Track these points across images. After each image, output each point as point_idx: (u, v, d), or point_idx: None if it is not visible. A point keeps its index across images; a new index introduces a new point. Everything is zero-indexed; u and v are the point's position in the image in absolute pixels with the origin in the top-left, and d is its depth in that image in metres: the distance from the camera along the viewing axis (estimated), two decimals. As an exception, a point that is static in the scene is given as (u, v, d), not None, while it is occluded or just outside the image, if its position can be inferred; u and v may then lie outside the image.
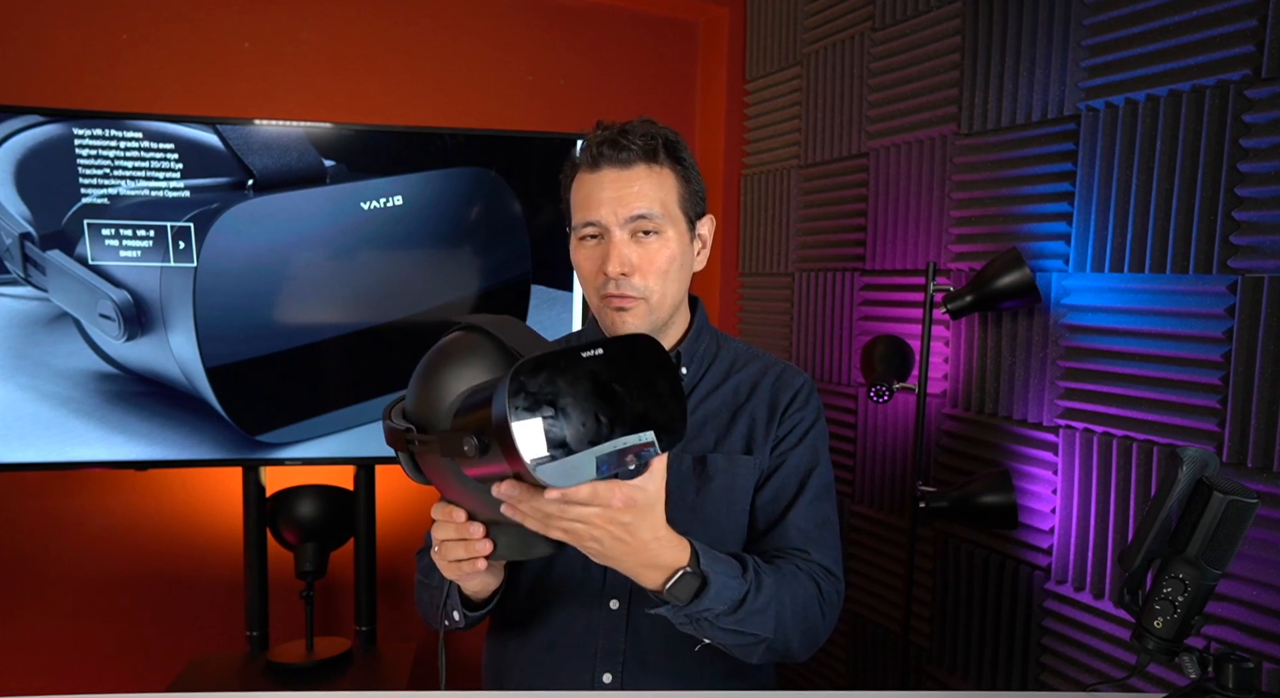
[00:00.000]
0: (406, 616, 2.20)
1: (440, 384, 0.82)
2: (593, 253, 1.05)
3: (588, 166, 1.04)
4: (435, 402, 0.82)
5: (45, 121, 1.58)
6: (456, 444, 0.75)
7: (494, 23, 2.17)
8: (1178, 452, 0.80)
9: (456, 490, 0.87)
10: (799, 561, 1.03)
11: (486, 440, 0.73)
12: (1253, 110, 1.18)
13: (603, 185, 1.03)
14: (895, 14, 1.82)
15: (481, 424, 0.73)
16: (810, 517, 1.07)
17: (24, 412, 1.64)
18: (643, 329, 1.05)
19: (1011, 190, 1.55)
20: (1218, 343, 1.22)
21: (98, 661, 1.99)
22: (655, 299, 1.05)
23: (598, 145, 1.03)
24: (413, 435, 0.82)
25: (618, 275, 1.01)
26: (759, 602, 0.92)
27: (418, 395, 0.84)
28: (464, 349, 0.84)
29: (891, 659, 1.87)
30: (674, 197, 1.05)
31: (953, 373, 1.68)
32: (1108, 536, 1.38)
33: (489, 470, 0.77)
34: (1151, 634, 0.80)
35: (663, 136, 1.05)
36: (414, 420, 0.84)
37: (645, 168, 1.03)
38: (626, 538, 0.82)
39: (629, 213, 1.02)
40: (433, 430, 0.81)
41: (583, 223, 1.04)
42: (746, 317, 2.39)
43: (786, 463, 1.10)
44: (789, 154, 2.18)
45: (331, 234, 1.70)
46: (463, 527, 0.86)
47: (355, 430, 1.79)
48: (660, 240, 1.04)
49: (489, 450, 0.73)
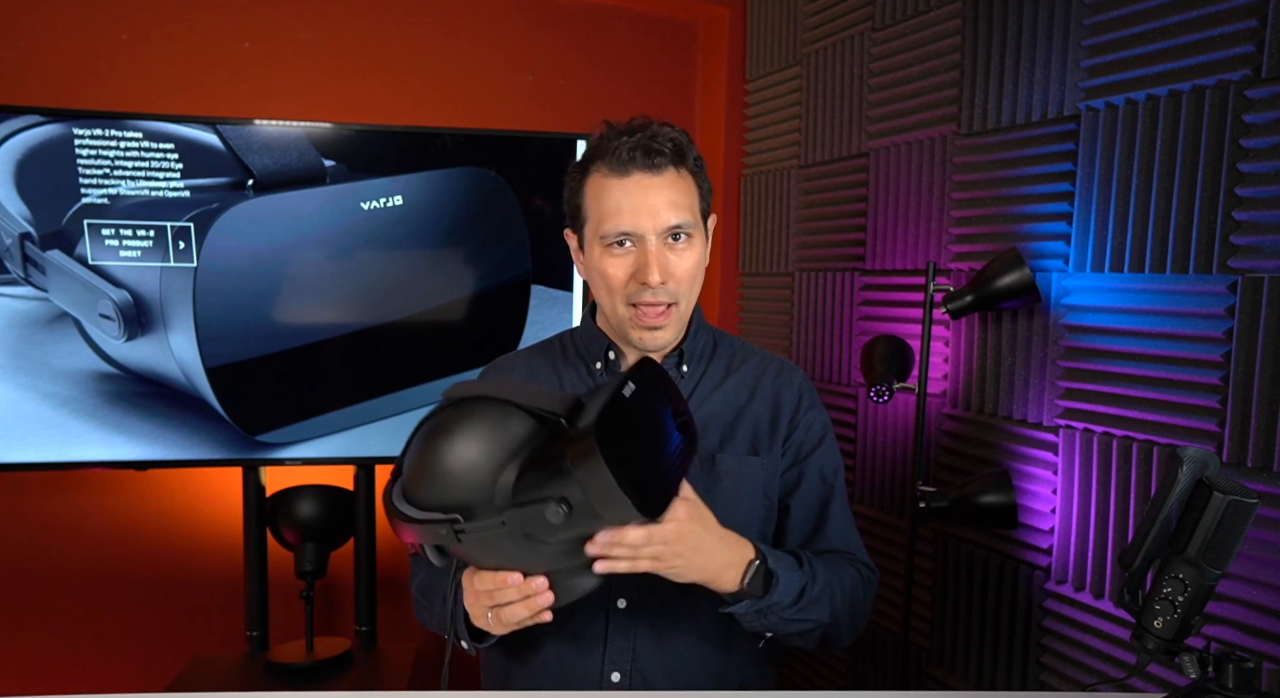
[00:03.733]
0: (406, 616, 2.20)
1: (467, 462, 0.80)
2: (624, 261, 1.02)
3: (614, 171, 1.00)
4: (467, 482, 0.79)
5: (45, 121, 1.58)
6: (536, 518, 0.76)
7: (494, 23, 2.17)
8: (1178, 452, 0.80)
9: (504, 559, 0.85)
10: (840, 556, 1.10)
11: (572, 504, 0.75)
12: (1253, 110, 1.17)
13: (633, 192, 0.99)
14: (895, 14, 1.82)
15: (564, 489, 0.74)
16: (845, 520, 1.14)
17: (24, 412, 1.64)
18: (670, 339, 1.06)
19: (1011, 190, 1.55)
20: (1218, 343, 1.22)
21: (98, 661, 1.99)
22: (684, 304, 1.05)
23: (629, 150, 0.99)
24: (461, 524, 0.79)
25: (658, 284, 1.00)
26: (816, 590, 0.99)
27: (441, 481, 0.81)
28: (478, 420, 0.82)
29: (891, 659, 1.87)
30: (697, 200, 1.05)
31: (953, 373, 1.68)
32: (1108, 536, 1.38)
33: (569, 532, 0.78)
34: (1151, 634, 0.80)
35: (684, 139, 1.04)
36: (441, 507, 0.80)
37: (674, 173, 1.02)
38: (701, 546, 0.88)
39: (667, 222, 1.00)
40: (478, 513, 0.79)
41: (615, 232, 1.00)
42: (746, 317, 2.39)
43: (811, 467, 1.13)
44: (789, 154, 2.18)
45: (331, 234, 1.70)
46: (525, 586, 0.85)
47: (355, 431, 1.79)
48: (690, 246, 1.04)
49: (574, 513, 0.75)
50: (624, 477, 0.73)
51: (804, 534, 1.12)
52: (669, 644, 1.05)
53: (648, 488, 0.76)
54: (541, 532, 0.79)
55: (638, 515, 0.75)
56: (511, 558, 0.84)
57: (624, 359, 1.13)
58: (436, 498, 0.81)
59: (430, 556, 0.85)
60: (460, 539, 0.80)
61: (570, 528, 0.78)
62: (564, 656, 1.06)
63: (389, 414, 1.80)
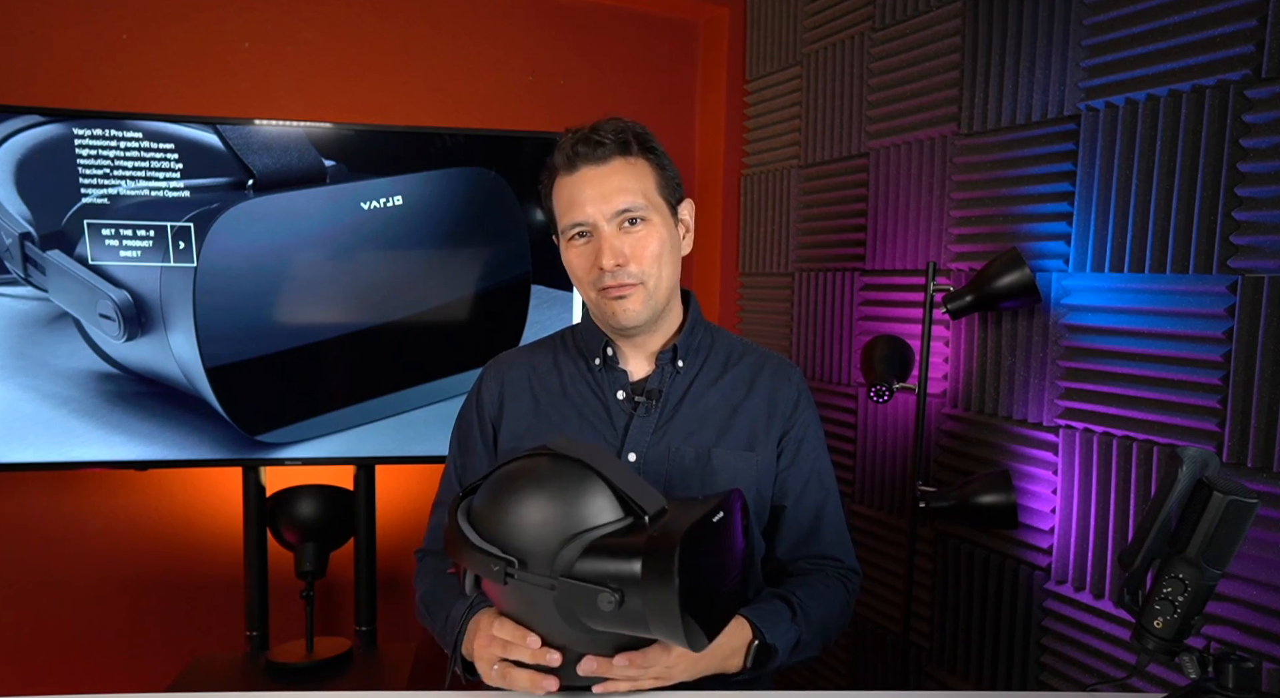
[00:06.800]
0: (406, 616, 2.20)
1: (542, 517, 0.81)
2: (584, 251, 1.07)
3: (564, 170, 1.06)
4: (534, 535, 0.81)
5: (45, 121, 1.58)
6: (587, 598, 0.77)
7: (494, 23, 2.17)
8: (1178, 452, 0.80)
9: (532, 618, 0.86)
10: (830, 567, 1.13)
11: (626, 602, 0.75)
12: (1253, 110, 1.17)
13: (583, 185, 1.04)
14: (895, 14, 1.82)
15: (625, 585, 0.75)
16: (838, 522, 1.16)
17: (24, 412, 1.64)
18: (643, 315, 1.07)
19: (1011, 190, 1.55)
20: (1218, 343, 1.22)
21: (98, 661, 1.99)
22: (652, 284, 1.07)
23: (571, 146, 1.05)
24: (514, 569, 0.80)
25: (613, 267, 1.03)
26: (809, 634, 1.03)
27: (513, 524, 0.82)
28: (569, 482, 0.83)
29: (891, 659, 1.87)
30: (652, 185, 1.07)
31: (953, 373, 1.68)
32: (1108, 536, 1.38)
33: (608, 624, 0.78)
34: (1151, 634, 0.80)
35: (632, 130, 1.07)
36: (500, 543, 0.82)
37: (621, 161, 1.05)
38: (703, 655, 0.89)
39: (614, 208, 1.04)
40: (534, 567, 0.80)
41: (570, 225, 1.06)
42: (746, 317, 2.39)
43: (808, 469, 1.14)
44: (789, 154, 2.18)
45: (331, 234, 1.70)
46: (540, 653, 0.86)
47: (355, 430, 1.79)
48: (647, 228, 1.06)
49: (623, 610, 0.75)
50: (685, 600, 0.74)
51: (797, 536, 1.14)
52: None
53: (701, 618, 0.77)
54: (583, 611, 0.79)
55: (682, 641, 0.75)
56: (540, 621, 0.85)
57: (622, 355, 1.14)
58: (502, 537, 0.82)
59: (466, 582, 0.87)
60: (506, 582, 0.81)
61: (611, 621, 0.78)
62: None
63: (389, 414, 1.80)
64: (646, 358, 1.14)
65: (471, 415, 1.19)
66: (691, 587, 0.75)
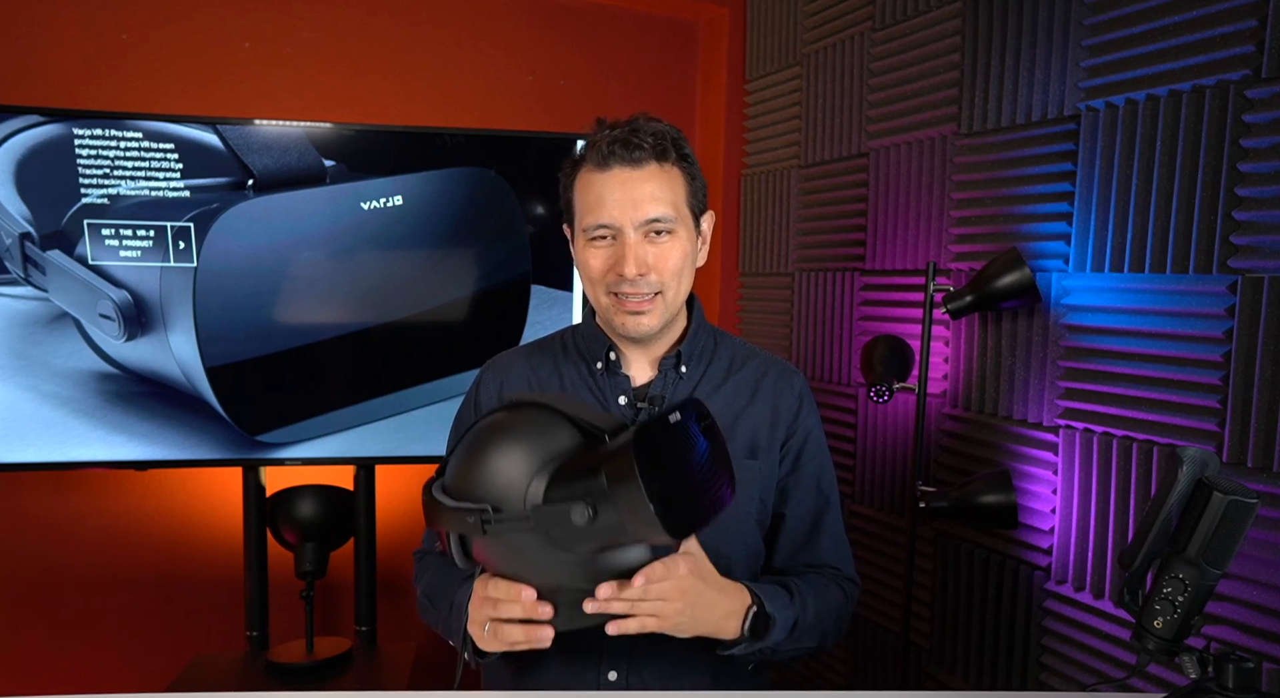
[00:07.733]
0: (406, 616, 2.20)
1: (507, 460, 0.82)
2: (603, 253, 1.04)
3: (596, 165, 1.02)
4: (503, 479, 0.81)
5: (45, 121, 1.58)
6: (562, 518, 0.77)
7: (494, 23, 2.17)
8: (1178, 452, 0.80)
9: (523, 564, 0.86)
10: (828, 574, 1.12)
11: (598, 508, 0.76)
12: (1253, 110, 1.18)
13: (614, 186, 1.01)
14: (895, 14, 1.82)
15: (592, 493, 0.76)
16: (837, 531, 1.15)
17: (24, 412, 1.64)
18: (656, 328, 1.06)
19: (1011, 190, 1.55)
20: (1218, 343, 1.22)
21: (98, 661, 1.99)
22: (670, 295, 1.05)
23: (608, 144, 1.01)
24: (489, 515, 0.81)
25: (634, 276, 1.01)
26: (807, 621, 1.02)
27: (479, 474, 0.83)
28: (525, 424, 0.84)
29: (891, 659, 1.87)
30: (683, 196, 1.05)
31: (953, 373, 1.68)
32: (1108, 536, 1.38)
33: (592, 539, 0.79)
34: (1151, 634, 0.80)
35: (670, 135, 1.04)
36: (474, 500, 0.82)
37: (656, 167, 1.02)
38: (702, 601, 0.90)
39: (643, 216, 1.01)
40: (508, 508, 0.81)
41: (594, 224, 1.03)
42: (746, 317, 2.39)
43: (809, 476, 1.13)
44: (789, 154, 2.18)
45: (331, 234, 1.71)
46: (531, 606, 0.86)
47: (355, 431, 1.79)
48: (673, 240, 1.04)
49: (599, 517, 0.76)
50: (654, 492, 0.74)
51: (795, 544, 1.13)
52: (666, 643, 1.05)
53: (675, 509, 0.77)
54: (565, 535, 0.80)
55: (661, 531, 0.75)
56: (530, 564, 0.86)
57: (625, 360, 1.13)
58: (472, 491, 0.83)
59: (455, 555, 0.87)
60: (486, 531, 0.81)
61: (593, 535, 0.79)
62: (562, 654, 1.06)
63: (389, 414, 1.80)
64: (649, 363, 1.12)
65: (470, 415, 1.19)
66: (659, 480, 0.75)
